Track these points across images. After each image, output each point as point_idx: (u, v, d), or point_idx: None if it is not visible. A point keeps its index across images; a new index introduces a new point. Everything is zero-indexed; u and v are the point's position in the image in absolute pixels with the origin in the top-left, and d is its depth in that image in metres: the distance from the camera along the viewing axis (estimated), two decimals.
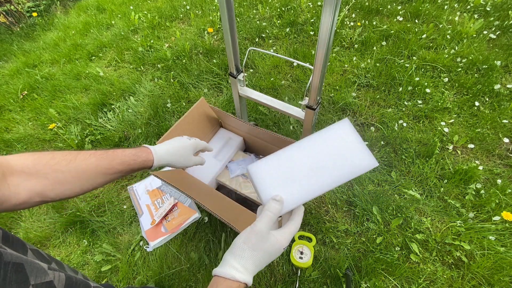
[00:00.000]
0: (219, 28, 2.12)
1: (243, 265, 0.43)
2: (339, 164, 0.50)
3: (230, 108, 1.57)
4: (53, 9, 2.72)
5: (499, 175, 1.22)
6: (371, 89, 1.58)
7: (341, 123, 0.52)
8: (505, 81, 1.52)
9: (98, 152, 0.54)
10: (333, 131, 0.52)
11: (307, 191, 0.49)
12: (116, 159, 0.55)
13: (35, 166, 0.47)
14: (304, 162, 0.50)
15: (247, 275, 0.43)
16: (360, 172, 0.50)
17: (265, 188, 0.49)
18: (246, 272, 0.43)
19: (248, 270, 0.43)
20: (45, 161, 0.48)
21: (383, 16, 1.99)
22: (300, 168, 0.50)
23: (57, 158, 0.49)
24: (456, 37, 1.75)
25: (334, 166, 0.50)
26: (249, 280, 0.43)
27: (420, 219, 1.13)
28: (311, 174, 0.49)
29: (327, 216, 1.17)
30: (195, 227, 1.19)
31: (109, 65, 2.02)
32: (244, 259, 0.44)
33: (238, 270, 0.43)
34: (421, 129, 1.39)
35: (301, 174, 0.49)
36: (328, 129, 0.52)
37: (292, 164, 0.50)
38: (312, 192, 0.49)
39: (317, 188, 0.49)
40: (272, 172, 0.50)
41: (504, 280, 0.96)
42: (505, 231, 1.06)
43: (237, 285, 0.42)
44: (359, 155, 0.50)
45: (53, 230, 1.26)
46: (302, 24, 1.99)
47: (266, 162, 0.51)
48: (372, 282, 1.00)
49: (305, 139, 0.52)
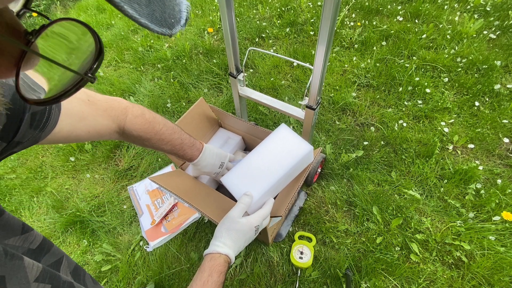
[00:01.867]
0: (219, 28, 2.12)
1: (222, 242, 0.56)
2: (286, 158, 0.67)
3: (230, 108, 1.57)
4: (53, 9, 2.72)
5: (499, 175, 1.22)
6: (371, 89, 1.58)
7: (280, 128, 0.72)
8: (505, 81, 1.52)
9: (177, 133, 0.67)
10: (276, 136, 0.71)
11: (268, 184, 0.65)
12: (183, 143, 0.68)
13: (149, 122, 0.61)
14: (262, 164, 0.67)
15: (226, 248, 0.56)
16: (301, 158, 0.67)
17: (238, 190, 0.65)
18: (225, 246, 0.56)
19: (226, 244, 0.56)
20: (158, 128, 0.62)
21: (383, 16, 1.99)
22: (259, 169, 0.67)
23: (163, 129, 0.63)
24: (456, 37, 1.75)
25: (282, 160, 0.67)
26: (228, 252, 0.55)
27: (420, 219, 1.13)
28: (268, 171, 0.66)
29: (327, 216, 1.17)
30: (195, 227, 1.19)
31: (109, 65, 2.02)
32: (222, 237, 0.57)
33: (219, 246, 0.56)
34: (421, 129, 1.39)
35: (261, 173, 0.66)
36: (272, 135, 0.72)
37: (253, 168, 0.68)
38: (271, 184, 0.65)
39: (274, 181, 0.65)
40: (240, 177, 0.67)
41: (504, 280, 0.96)
42: (505, 231, 1.06)
43: (218, 256, 0.54)
44: (298, 147, 0.68)
45: (53, 230, 1.26)
46: (302, 24, 1.99)
47: (233, 171, 0.69)
48: (372, 282, 1.00)
49: (258, 147, 0.71)
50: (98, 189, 1.37)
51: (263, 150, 0.70)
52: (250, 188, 0.64)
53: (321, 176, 1.28)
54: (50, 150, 1.56)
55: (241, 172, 0.67)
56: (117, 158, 1.46)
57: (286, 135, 0.70)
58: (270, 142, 0.71)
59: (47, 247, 0.44)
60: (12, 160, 1.53)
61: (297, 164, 0.68)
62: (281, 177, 0.66)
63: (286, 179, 0.70)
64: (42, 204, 1.35)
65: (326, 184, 1.25)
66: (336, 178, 1.26)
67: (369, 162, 1.29)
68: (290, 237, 1.13)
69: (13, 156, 1.54)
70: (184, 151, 0.69)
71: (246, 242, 0.59)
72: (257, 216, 0.60)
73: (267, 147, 0.70)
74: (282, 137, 0.70)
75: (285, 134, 0.70)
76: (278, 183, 0.66)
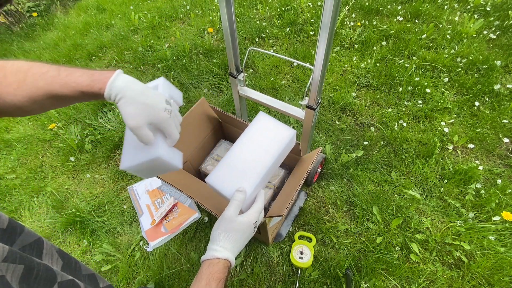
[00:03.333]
0: (219, 28, 2.12)
1: (221, 245, 0.51)
2: (272, 145, 0.64)
3: (230, 108, 1.57)
4: (53, 9, 2.72)
5: (499, 175, 1.22)
6: (371, 89, 1.58)
7: (259, 116, 0.68)
8: (505, 81, 1.52)
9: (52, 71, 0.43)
10: (257, 124, 0.67)
11: (258, 176, 0.61)
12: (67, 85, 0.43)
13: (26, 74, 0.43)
14: (248, 156, 0.63)
15: (225, 252, 0.51)
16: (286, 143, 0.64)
17: (226, 187, 0.60)
18: (224, 250, 0.51)
19: (226, 248, 0.51)
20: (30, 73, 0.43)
21: (383, 16, 1.99)
22: (246, 161, 0.62)
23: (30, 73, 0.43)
24: (456, 37, 1.75)
25: (268, 149, 0.64)
26: (228, 256, 0.51)
27: (420, 219, 1.13)
28: (255, 162, 0.62)
29: (327, 216, 1.17)
30: (195, 227, 1.19)
31: (109, 65, 2.02)
32: (221, 241, 0.52)
33: (217, 251, 0.51)
34: (421, 129, 1.39)
35: (249, 166, 0.62)
36: (253, 124, 0.67)
37: (240, 161, 0.63)
38: (262, 175, 0.61)
39: (264, 171, 0.61)
40: (225, 174, 0.62)
41: (504, 280, 0.96)
42: (505, 231, 1.06)
43: (217, 261, 0.50)
44: (280, 132, 0.65)
45: (53, 230, 1.26)
46: (302, 24, 1.99)
47: (218, 169, 0.63)
48: (372, 282, 1.00)
49: (239, 138, 0.66)
50: (98, 189, 1.37)
51: (246, 141, 0.65)
52: (240, 183, 0.59)
53: (321, 176, 1.28)
54: (50, 150, 1.56)
55: (228, 168, 0.62)
56: (117, 158, 1.46)
57: (267, 122, 0.67)
58: (252, 131, 0.66)
59: (19, 227, 0.45)
60: (12, 160, 1.53)
61: (283, 150, 0.65)
62: (270, 166, 0.62)
63: (274, 167, 0.66)
64: (42, 204, 1.35)
65: (326, 184, 1.25)
66: (336, 178, 1.26)
67: (369, 162, 1.29)
68: (290, 237, 1.13)
69: (13, 156, 1.54)
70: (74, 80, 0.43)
71: (246, 240, 0.56)
72: (253, 212, 0.57)
73: (250, 138, 0.65)
74: (263, 125, 0.67)
75: (265, 122, 0.67)
76: (267, 173, 0.63)
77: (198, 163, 1.15)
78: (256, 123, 0.67)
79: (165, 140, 0.48)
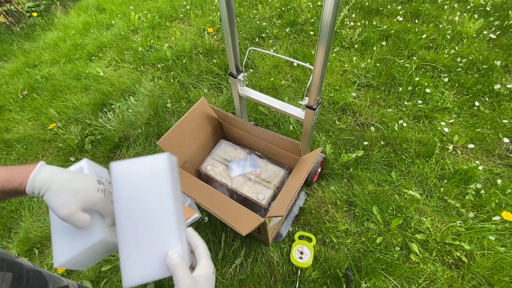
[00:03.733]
0: (219, 28, 2.12)
1: None
2: (154, 189, 0.48)
3: (230, 108, 1.57)
4: (53, 9, 2.72)
5: (499, 175, 1.22)
6: (371, 89, 1.58)
7: (111, 170, 0.49)
8: (505, 81, 1.52)
9: None
10: (118, 182, 0.48)
11: (170, 225, 0.47)
12: None
13: None
14: (141, 221, 0.47)
15: None
16: (168, 170, 0.48)
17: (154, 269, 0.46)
18: None
19: None
20: None
21: (383, 16, 1.99)
22: (146, 227, 0.47)
23: None
24: (456, 37, 1.75)
25: (155, 194, 0.48)
26: None
27: (420, 219, 1.13)
28: (156, 219, 0.47)
29: (327, 216, 1.17)
30: (195, 227, 1.19)
31: (109, 65, 2.02)
32: None
33: None
34: (421, 129, 1.39)
35: (152, 227, 0.47)
36: (114, 185, 0.48)
37: (138, 233, 0.47)
38: (174, 221, 0.47)
39: (173, 216, 0.47)
40: (138, 257, 0.47)
41: (504, 280, 0.97)
42: (505, 231, 1.06)
43: None
44: (151, 167, 0.49)
45: None
46: (302, 24, 1.99)
47: (126, 259, 0.47)
48: (372, 282, 1.00)
49: (116, 210, 0.47)
50: None
51: (125, 208, 0.47)
52: (162, 251, 0.45)
53: (321, 176, 1.28)
54: (50, 150, 1.56)
55: (134, 250, 0.47)
56: (117, 158, 1.46)
57: (127, 170, 0.49)
58: (121, 194, 0.48)
59: None
60: (12, 160, 1.53)
61: (172, 180, 0.49)
62: (174, 206, 0.48)
63: (178, 202, 0.50)
64: (42, 204, 1.35)
65: (326, 184, 1.25)
66: (336, 178, 1.26)
67: (369, 162, 1.29)
68: (290, 237, 1.13)
69: (13, 156, 1.54)
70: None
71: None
72: (206, 261, 0.46)
73: (126, 202, 0.48)
74: (125, 176, 0.49)
75: (124, 171, 0.49)
76: (176, 213, 0.48)
77: (198, 163, 1.15)
78: (116, 181, 0.48)
79: (104, 220, 0.45)
